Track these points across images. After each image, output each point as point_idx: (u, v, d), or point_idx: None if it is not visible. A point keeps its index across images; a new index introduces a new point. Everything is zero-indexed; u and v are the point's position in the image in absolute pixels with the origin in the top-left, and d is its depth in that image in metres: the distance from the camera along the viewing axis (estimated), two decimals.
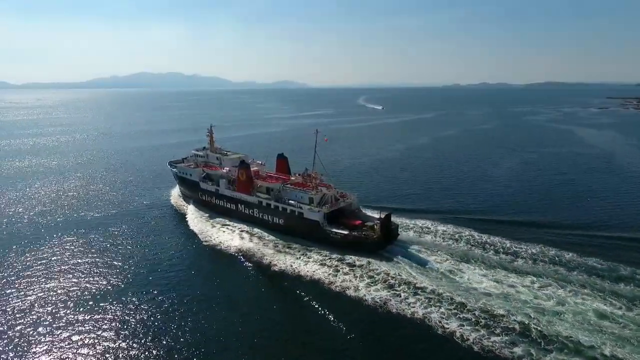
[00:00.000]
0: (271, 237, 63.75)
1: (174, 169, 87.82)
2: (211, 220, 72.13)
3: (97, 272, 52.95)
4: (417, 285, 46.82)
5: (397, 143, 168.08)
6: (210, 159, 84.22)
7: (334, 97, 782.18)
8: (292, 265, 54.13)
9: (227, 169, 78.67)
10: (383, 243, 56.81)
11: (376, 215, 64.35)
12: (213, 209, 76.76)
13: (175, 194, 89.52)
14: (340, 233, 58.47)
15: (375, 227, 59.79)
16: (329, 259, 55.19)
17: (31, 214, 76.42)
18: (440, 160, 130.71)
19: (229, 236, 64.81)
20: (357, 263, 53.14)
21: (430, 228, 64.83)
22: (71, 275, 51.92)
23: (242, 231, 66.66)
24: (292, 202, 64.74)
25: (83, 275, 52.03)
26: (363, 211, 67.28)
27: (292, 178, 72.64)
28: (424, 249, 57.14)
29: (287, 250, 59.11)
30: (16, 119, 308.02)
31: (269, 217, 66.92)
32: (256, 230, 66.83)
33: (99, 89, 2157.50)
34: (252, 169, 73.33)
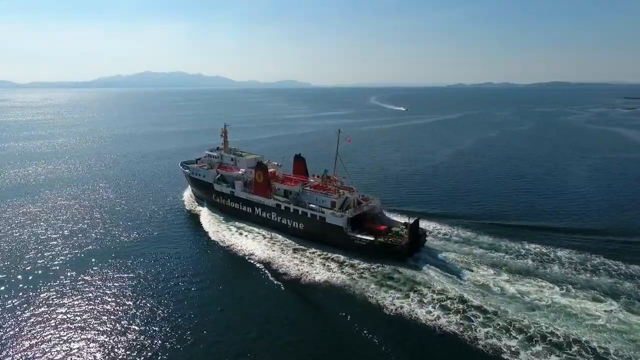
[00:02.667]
0: (321, 250, 57.62)
1: (186, 170, 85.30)
2: (227, 224, 69.66)
3: (107, 276, 50.93)
4: (571, 339, 37.18)
5: (427, 145, 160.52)
6: (224, 159, 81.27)
7: (341, 97, 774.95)
8: (396, 305, 43.45)
9: (243, 170, 75.80)
10: (411, 250, 54.01)
11: (400, 220, 61.65)
12: (228, 211, 74.08)
13: (187, 195, 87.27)
14: (366, 239, 55.60)
15: (402, 232, 57.00)
16: (432, 291, 45.23)
17: (48, 220, 74.05)
18: (479, 164, 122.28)
19: (256, 244, 60.69)
20: (474, 304, 42.40)
21: (455, 234, 62.00)
22: (83, 277, 49.88)
23: (270, 240, 62.19)
24: (313, 205, 61.95)
25: (93, 277, 50.27)
26: (387, 215, 64.38)
27: (311, 180, 69.93)
28: (459, 259, 53.42)
29: (366, 277, 49.65)
30: (25, 119, 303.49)
31: (288, 221, 64.11)
32: (278, 236, 63.62)
33: (104, 89, 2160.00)
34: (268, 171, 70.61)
